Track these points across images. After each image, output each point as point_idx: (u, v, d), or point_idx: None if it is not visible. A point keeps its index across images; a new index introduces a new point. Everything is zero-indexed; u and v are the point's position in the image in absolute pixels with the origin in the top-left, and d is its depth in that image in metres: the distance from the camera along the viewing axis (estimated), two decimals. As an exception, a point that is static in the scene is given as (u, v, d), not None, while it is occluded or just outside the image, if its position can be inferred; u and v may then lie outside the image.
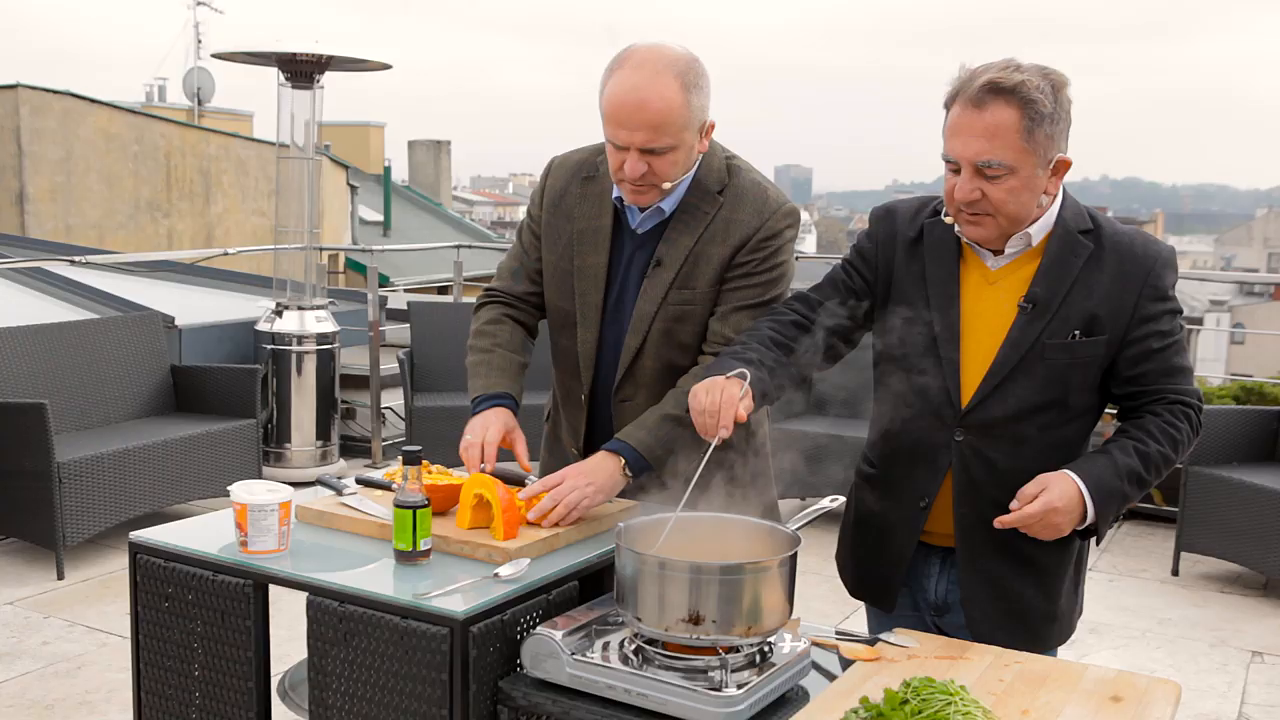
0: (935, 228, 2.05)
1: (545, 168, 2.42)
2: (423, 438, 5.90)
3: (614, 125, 2.10)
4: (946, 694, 1.54)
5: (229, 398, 5.58)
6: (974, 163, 1.88)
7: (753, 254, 2.22)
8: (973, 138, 1.87)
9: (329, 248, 8.18)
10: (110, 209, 14.33)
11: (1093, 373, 1.98)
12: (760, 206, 2.23)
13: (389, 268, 16.18)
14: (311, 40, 6.25)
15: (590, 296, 2.30)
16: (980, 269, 2.02)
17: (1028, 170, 1.87)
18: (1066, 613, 2.11)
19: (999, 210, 1.91)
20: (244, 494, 1.96)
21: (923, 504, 2.05)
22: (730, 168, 2.27)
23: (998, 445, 1.99)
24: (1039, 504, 1.86)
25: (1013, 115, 1.84)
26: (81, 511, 4.75)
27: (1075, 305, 1.95)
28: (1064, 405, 1.98)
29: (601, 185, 2.30)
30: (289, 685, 2.27)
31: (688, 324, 2.26)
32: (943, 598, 2.11)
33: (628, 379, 2.30)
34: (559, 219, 2.34)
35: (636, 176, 2.12)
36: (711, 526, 1.87)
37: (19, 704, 3.61)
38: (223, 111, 20.00)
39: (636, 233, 2.28)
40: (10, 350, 5.09)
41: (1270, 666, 4.23)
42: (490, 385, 2.31)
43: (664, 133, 2.09)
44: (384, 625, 1.78)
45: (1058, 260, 1.96)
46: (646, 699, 1.64)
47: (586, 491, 2.09)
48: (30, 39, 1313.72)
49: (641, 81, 2.07)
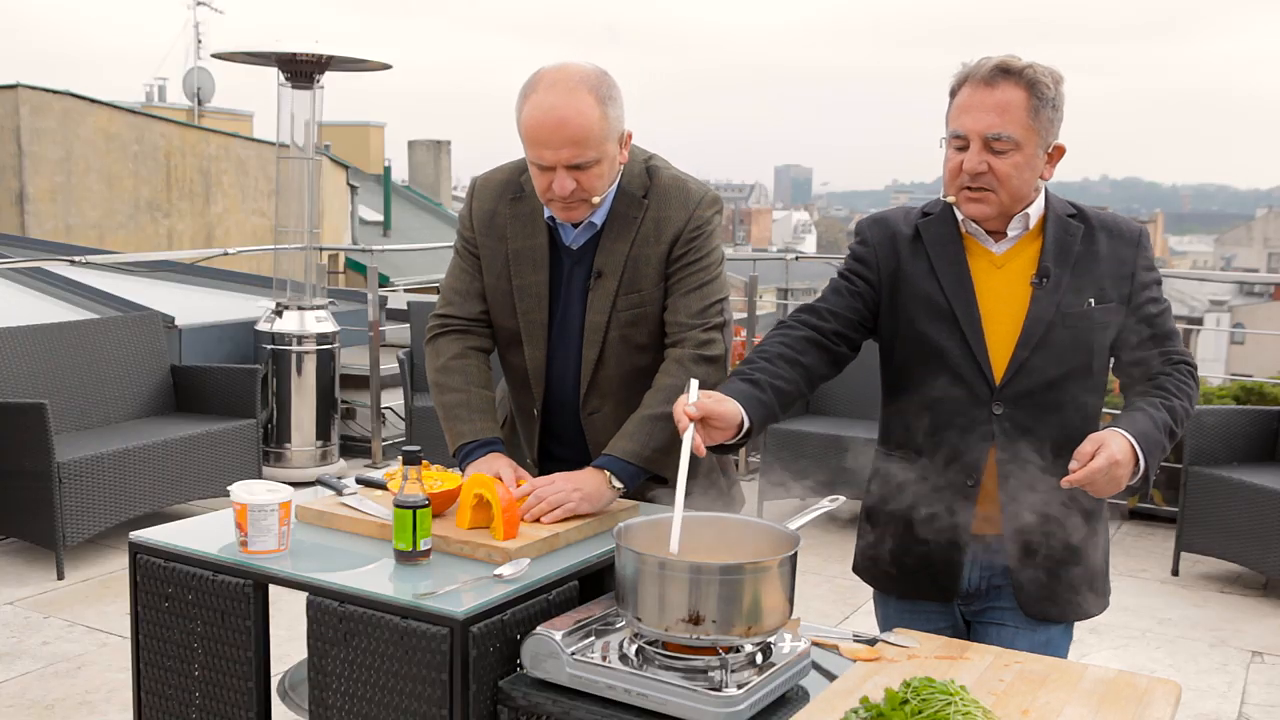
0: (930, 226, 2.14)
1: (469, 188, 2.45)
2: (423, 438, 5.90)
3: (537, 146, 2.14)
4: (946, 694, 1.54)
5: (229, 398, 5.58)
6: (984, 135, 1.99)
7: (687, 245, 2.28)
8: (984, 112, 1.99)
9: (329, 248, 8.18)
10: (110, 209, 14.33)
11: (1108, 339, 2.09)
12: (684, 200, 2.29)
13: (389, 268, 16.19)
14: (311, 40, 6.26)
15: (534, 315, 2.32)
16: (986, 255, 2.11)
17: (1031, 148, 2.01)
18: (1101, 579, 2.20)
19: (1003, 184, 2.01)
20: (244, 494, 1.96)
21: (970, 484, 2.09)
22: (649, 169, 2.31)
23: (1035, 414, 2.06)
24: (1102, 458, 1.91)
25: (1021, 94, 1.99)
26: (81, 511, 4.75)
27: (1084, 277, 2.07)
28: (1089, 370, 2.09)
29: (530, 204, 2.31)
30: (289, 685, 2.27)
31: (642, 326, 2.30)
32: (975, 585, 2.15)
33: (592, 391, 2.32)
34: (492, 240, 2.36)
35: (566, 194, 2.16)
36: (712, 526, 1.87)
37: (19, 704, 3.61)
38: (223, 111, 20.00)
39: (571, 249, 2.31)
40: (10, 350, 5.09)
41: (1270, 666, 4.23)
42: (479, 431, 2.31)
43: (586, 147, 2.13)
44: (384, 625, 1.78)
45: (1058, 239, 2.09)
46: (646, 699, 1.64)
47: (572, 496, 2.11)
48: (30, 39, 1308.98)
49: (558, 100, 2.11)
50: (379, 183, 22.04)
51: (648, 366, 2.30)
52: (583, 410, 2.34)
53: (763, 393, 2.00)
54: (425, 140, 27.72)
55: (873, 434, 2.33)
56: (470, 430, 2.31)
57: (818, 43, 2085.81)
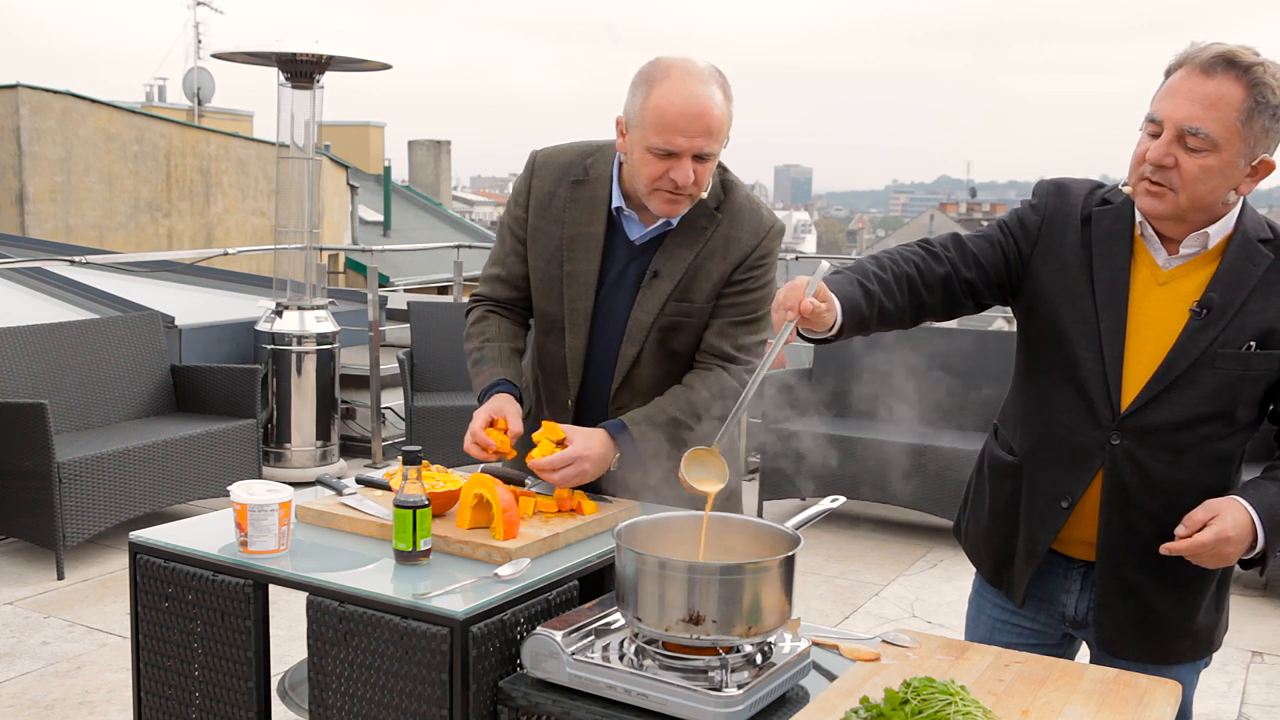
0: (1104, 217, 1.95)
1: (528, 163, 2.41)
2: (423, 438, 5.90)
3: (669, 132, 2.12)
4: (946, 694, 1.54)
5: (229, 398, 5.58)
6: (1181, 126, 1.77)
7: (749, 271, 2.29)
8: (1188, 101, 1.77)
9: (329, 248, 8.18)
10: (110, 209, 14.33)
11: (1262, 387, 1.89)
12: (756, 226, 2.31)
13: (389, 268, 16.19)
14: (311, 40, 6.26)
15: (580, 303, 2.32)
16: (1151, 267, 1.91)
17: (1230, 154, 1.77)
18: (1206, 629, 2.02)
19: (1185, 185, 1.80)
20: (244, 494, 1.96)
21: (1064, 504, 1.96)
22: (725, 184, 2.32)
23: (1156, 453, 1.90)
24: (1211, 533, 1.77)
25: (1239, 91, 1.75)
26: (81, 511, 4.75)
27: (1252, 315, 1.85)
28: (1230, 418, 1.90)
29: (593, 190, 2.31)
30: (289, 685, 2.27)
31: (681, 334, 2.30)
32: (1082, 614, 2.04)
33: (625, 387, 2.33)
34: (546, 223, 2.34)
35: (689, 182, 2.16)
36: (712, 526, 1.87)
37: (19, 704, 3.61)
38: (223, 111, 20.00)
39: (634, 244, 2.30)
40: (10, 350, 5.09)
41: (1270, 666, 4.23)
42: (486, 379, 2.36)
43: (716, 139, 2.16)
44: (384, 625, 1.78)
45: (1235, 266, 1.86)
46: (646, 699, 1.64)
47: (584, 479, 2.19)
48: (30, 39, 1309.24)
49: (699, 89, 2.12)
50: (379, 183, 22.04)
51: (679, 373, 2.32)
52: (611, 404, 2.34)
53: (869, 307, 1.87)
54: (425, 140, 27.73)
55: (874, 434, 2.33)
56: (480, 381, 2.37)
57: (818, 43, 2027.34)
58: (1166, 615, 1.98)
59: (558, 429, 2.20)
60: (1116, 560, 1.96)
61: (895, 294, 1.92)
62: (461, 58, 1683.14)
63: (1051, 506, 1.98)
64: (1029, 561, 2.03)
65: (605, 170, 2.32)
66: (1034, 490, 2.02)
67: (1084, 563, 2.02)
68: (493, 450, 2.20)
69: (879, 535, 5.71)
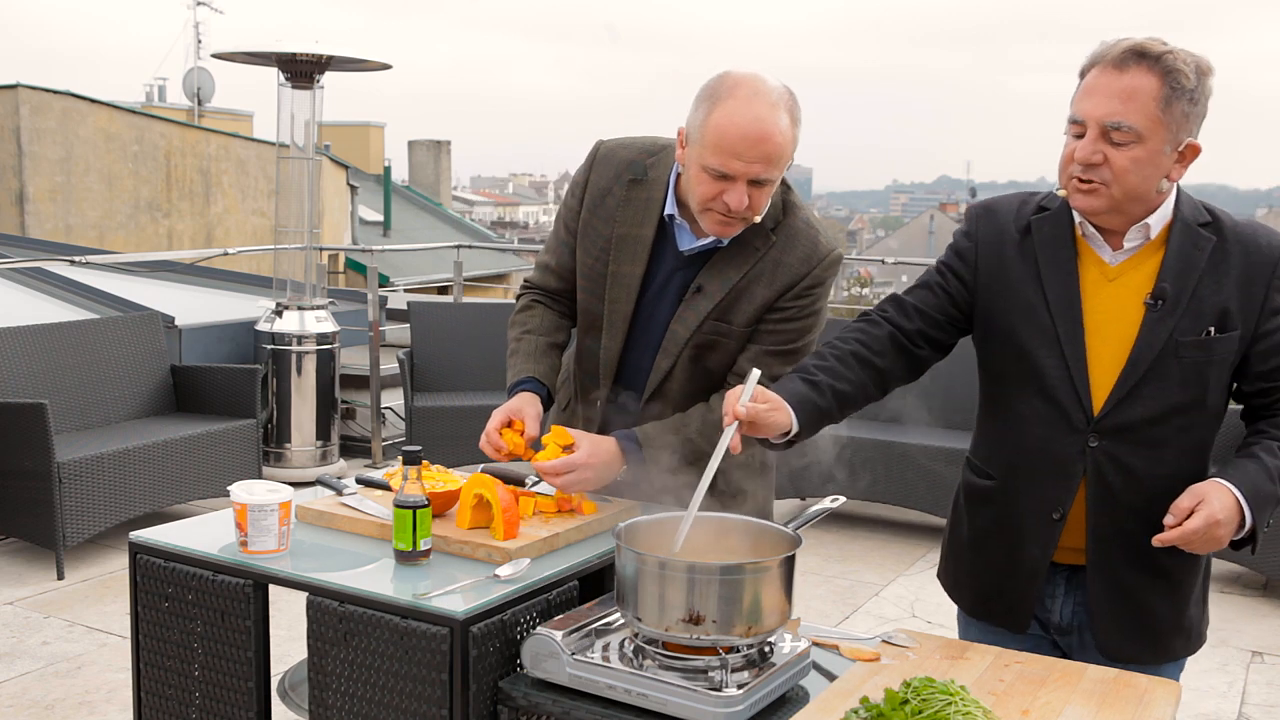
0: (1044, 224, 1.96)
1: (590, 153, 2.34)
2: (423, 438, 5.90)
3: (726, 155, 2.04)
4: (946, 694, 1.54)
5: (229, 398, 5.58)
6: (1103, 123, 1.80)
7: (796, 300, 2.21)
8: (1107, 97, 1.80)
9: (329, 248, 8.18)
10: (110, 209, 14.34)
11: (1226, 370, 1.90)
12: (810, 252, 2.21)
13: (389, 268, 16.20)
14: (311, 40, 6.26)
15: (621, 306, 2.27)
16: (1098, 265, 1.93)
17: (1156, 143, 1.80)
18: (1196, 623, 2.03)
19: (1117, 179, 1.82)
20: (244, 494, 1.96)
21: (1056, 516, 1.95)
22: (786, 204, 2.23)
23: (1136, 450, 1.90)
24: (1200, 518, 1.76)
25: (1153, 82, 1.78)
26: (81, 511, 4.75)
27: (1206, 300, 1.86)
28: (1203, 405, 1.90)
29: (649, 191, 2.24)
30: (289, 685, 2.27)
31: (717, 353, 2.25)
32: (1068, 620, 2.03)
33: (657, 397, 2.28)
34: (598, 220, 2.29)
35: (743, 208, 2.08)
36: (712, 526, 1.87)
37: (19, 704, 3.61)
38: (223, 111, 20.01)
39: (682, 254, 2.23)
40: (10, 350, 5.09)
41: (1270, 666, 4.23)
42: (516, 374, 2.33)
43: (776, 166, 2.06)
44: (384, 625, 1.78)
45: (1181, 253, 1.88)
46: (646, 699, 1.64)
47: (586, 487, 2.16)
48: (30, 39, 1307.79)
49: (764, 113, 2.03)
50: (379, 183, 22.05)
51: (712, 390, 2.27)
52: (643, 412, 2.29)
53: (820, 397, 1.91)
54: (425, 140, 27.76)
55: (875, 434, 2.32)
56: (511, 375, 2.34)
57: (818, 43, 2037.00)
58: (1161, 613, 1.98)
59: (567, 434, 2.16)
60: (1109, 563, 1.95)
61: (846, 373, 1.95)
62: (461, 58, 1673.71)
63: (1043, 522, 1.97)
64: (1031, 582, 2.00)
65: (664, 173, 2.24)
66: (1021, 509, 2.00)
67: (1068, 568, 2.01)
68: (505, 453, 2.18)
69: (879, 535, 5.71)
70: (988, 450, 2.07)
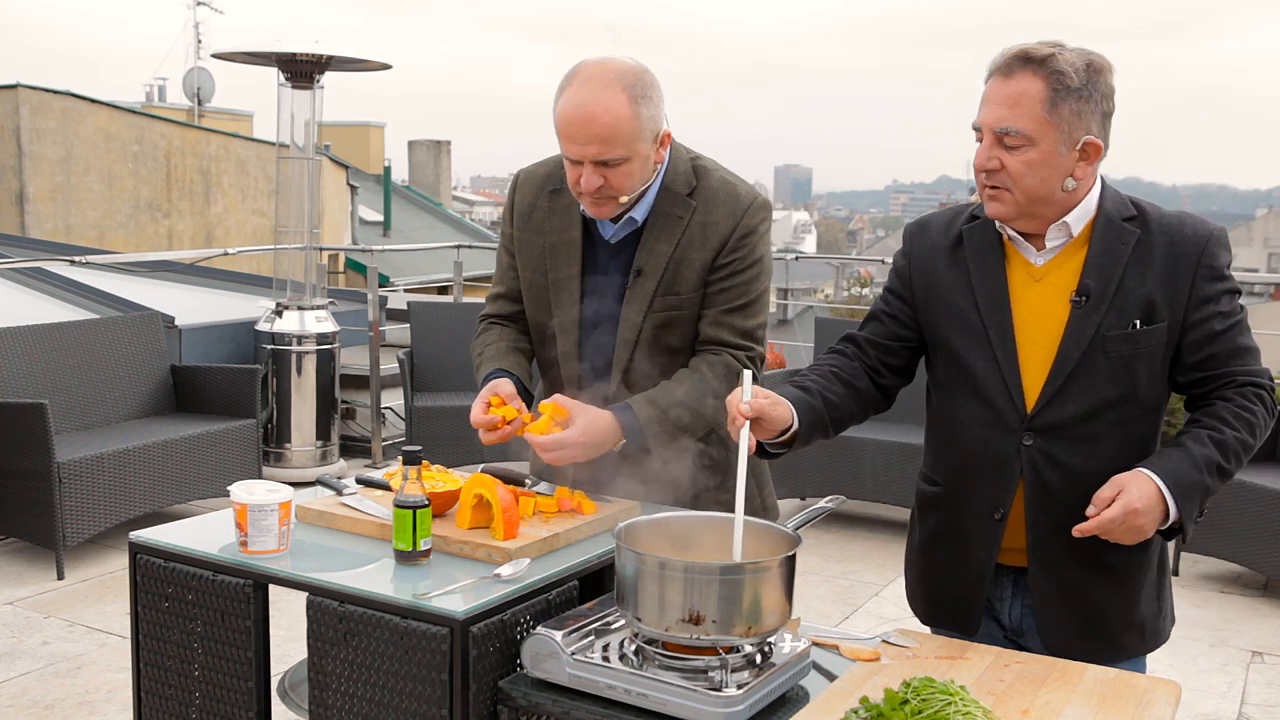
0: (974, 233, 2.00)
1: (511, 182, 2.44)
2: (423, 438, 5.90)
3: (565, 140, 2.14)
4: (946, 694, 1.54)
5: (229, 398, 5.58)
6: (994, 129, 1.85)
7: (733, 254, 2.25)
8: (996, 104, 1.85)
9: (329, 248, 8.18)
10: (110, 209, 14.33)
11: (1158, 362, 1.91)
12: (733, 205, 2.25)
13: (389, 268, 16.19)
14: (311, 40, 6.26)
15: (567, 310, 2.31)
16: (1025, 267, 1.96)
17: (1048, 144, 1.84)
18: (1150, 618, 2.03)
19: (1016, 183, 1.86)
20: (244, 494, 1.96)
21: (997, 516, 1.97)
22: (697, 169, 2.29)
23: (1071, 447, 1.92)
24: (1118, 507, 1.78)
25: (1038, 85, 1.82)
26: (81, 511, 4.75)
27: (1130, 293, 1.88)
28: (1134, 399, 1.91)
29: (569, 198, 2.30)
30: (289, 685, 2.27)
31: (675, 329, 2.28)
32: (1018, 621, 2.04)
33: (624, 388, 2.30)
34: (529, 234, 2.36)
35: (593, 189, 2.15)
36: (712, 526, 1.87)
37: (19, 704, 3.61)
38: (223, 111, 20.01)
39: (609, 243, 2.30)
40: (10, 350, 5.09)
41: (1270, 666, 4.23)
42: (483, 375, 2.36)
43: (614, 145, 2.12)
44: (384, 625, 1.78)
45: (1104, 249, 1.90)
46: (646, 699, 1.64)
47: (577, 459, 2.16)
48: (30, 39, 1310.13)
49: (588, 96, 2.10)
50: (379, 183, 22.04)
51: (679, 368, 2.28)
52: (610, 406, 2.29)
53: (814, 400, 1.94)
54: (425, 140, 27.75)
55: (875, 434, 2.32)
56: (480, 376, 2.37)
57: (817, 43, 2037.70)
58: (1108, 609, 1.98)
59: (564, 409, 2.16)
60: (1051, 561, 1.96)
61: (833, 387, 2.01)
62: (461, 58, 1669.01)
63: (986, 522, 1.99)
64: (978, 584, 2.02)
65: None
66: (966, 511, 2.02)
67: (1013, 569, 2.02)
68: (502, 422, 2.18)
69: (879, 535, 5.71)
70: (933, 457, 2.11)
